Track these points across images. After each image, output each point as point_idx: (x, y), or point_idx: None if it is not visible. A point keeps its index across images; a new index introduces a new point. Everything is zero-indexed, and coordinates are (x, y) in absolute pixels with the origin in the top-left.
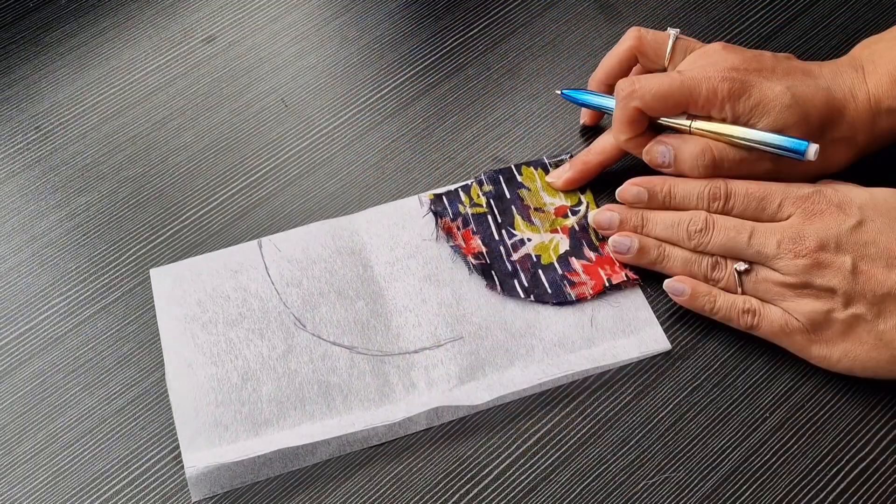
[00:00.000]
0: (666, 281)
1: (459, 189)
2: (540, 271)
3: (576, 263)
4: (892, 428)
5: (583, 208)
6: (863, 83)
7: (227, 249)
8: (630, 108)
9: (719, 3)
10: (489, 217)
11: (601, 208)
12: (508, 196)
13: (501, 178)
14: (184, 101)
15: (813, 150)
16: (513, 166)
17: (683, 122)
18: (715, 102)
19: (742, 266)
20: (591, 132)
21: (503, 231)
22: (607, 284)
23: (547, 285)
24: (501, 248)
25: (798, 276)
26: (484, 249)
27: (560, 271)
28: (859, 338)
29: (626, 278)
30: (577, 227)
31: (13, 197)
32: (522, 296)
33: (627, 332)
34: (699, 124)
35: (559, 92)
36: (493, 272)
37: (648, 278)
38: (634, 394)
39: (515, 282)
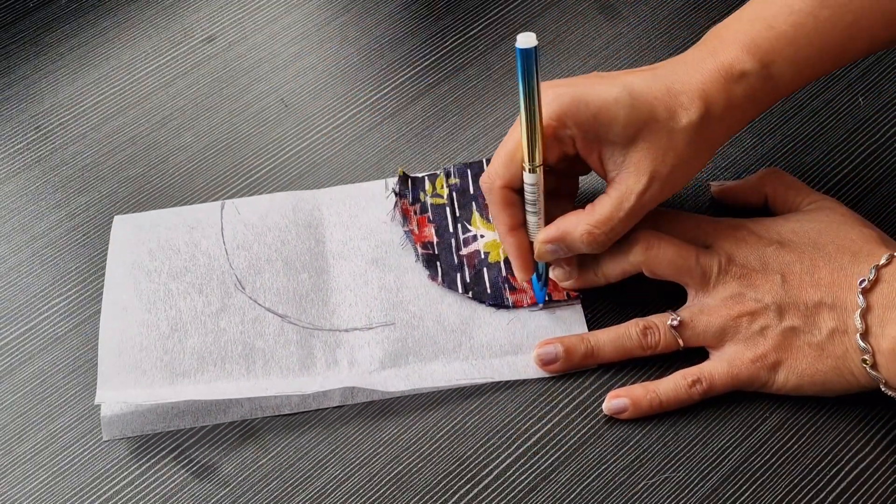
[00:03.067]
0: (603, 407)
1: (426, 177)
2: (485, 269)
3: None
4: (893, 428)
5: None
6: (710, 57)
7: (192, 206)
8: (496, 189)
9: (719, 2)
10: (447, 209)
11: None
12: (472, 191)
13: (469, 173)
14: (184, 101)
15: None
16: (484, 161)
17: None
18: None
19: (675, 320)
20: None
21: (458, 225)
22: (547, 299)
23: (488, 284)
24: (453, 241)
25: (734, 297)
26: (435, 240)
27: (504, 272)
28: (800, 351)
29: (567, 297)
30: None
31: (13, 197)
32: (461, 290)
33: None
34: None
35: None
36: (438, 263)
37: (589, 296)
38: None
39: (458, 276)
